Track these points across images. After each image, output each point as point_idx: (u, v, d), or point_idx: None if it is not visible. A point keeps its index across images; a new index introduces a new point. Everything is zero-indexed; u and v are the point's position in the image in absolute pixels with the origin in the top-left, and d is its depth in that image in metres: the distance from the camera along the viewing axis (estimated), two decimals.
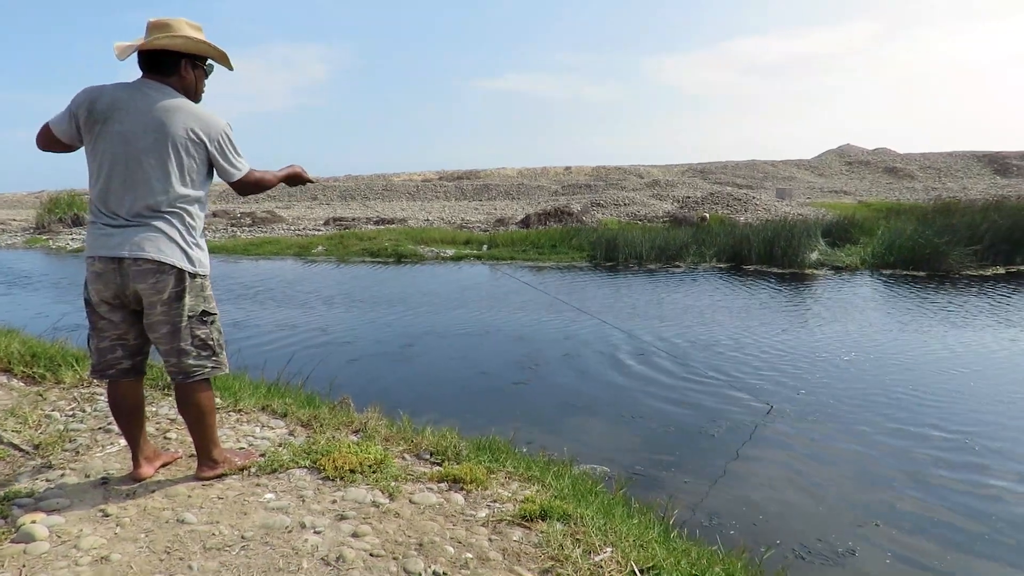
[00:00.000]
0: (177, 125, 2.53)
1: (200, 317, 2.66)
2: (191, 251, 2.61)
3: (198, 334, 2.66)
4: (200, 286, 2.66)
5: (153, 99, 2.55)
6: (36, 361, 4.43)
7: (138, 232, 2.51)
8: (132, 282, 2.52)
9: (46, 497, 2.64)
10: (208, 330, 2.70)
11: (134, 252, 2.50)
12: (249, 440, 3.42)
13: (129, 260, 2.50)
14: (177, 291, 2.57)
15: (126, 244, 2.50)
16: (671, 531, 3.09)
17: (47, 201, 26.23)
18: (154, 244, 2.52)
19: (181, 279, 2.57)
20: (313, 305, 10.18)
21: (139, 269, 2.51)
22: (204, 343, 2.68)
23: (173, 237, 2.55)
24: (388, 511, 2.69)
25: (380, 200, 39.51)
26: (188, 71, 2.67)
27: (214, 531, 2.44)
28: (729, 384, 6.09)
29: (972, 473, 4.27)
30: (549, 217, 21.56)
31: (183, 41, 2.60)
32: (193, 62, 2.69)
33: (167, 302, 2.56)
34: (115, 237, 2.52)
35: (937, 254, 12.47)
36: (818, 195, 33.20)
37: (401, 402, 4.91)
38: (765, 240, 13.89)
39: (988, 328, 8.05)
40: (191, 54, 2.66)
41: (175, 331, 2.60)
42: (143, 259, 2.50)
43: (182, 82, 2.66)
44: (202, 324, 2.67)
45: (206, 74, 2.79)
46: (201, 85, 2.77)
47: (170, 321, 2.59)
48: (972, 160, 44.08)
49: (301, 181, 3.05)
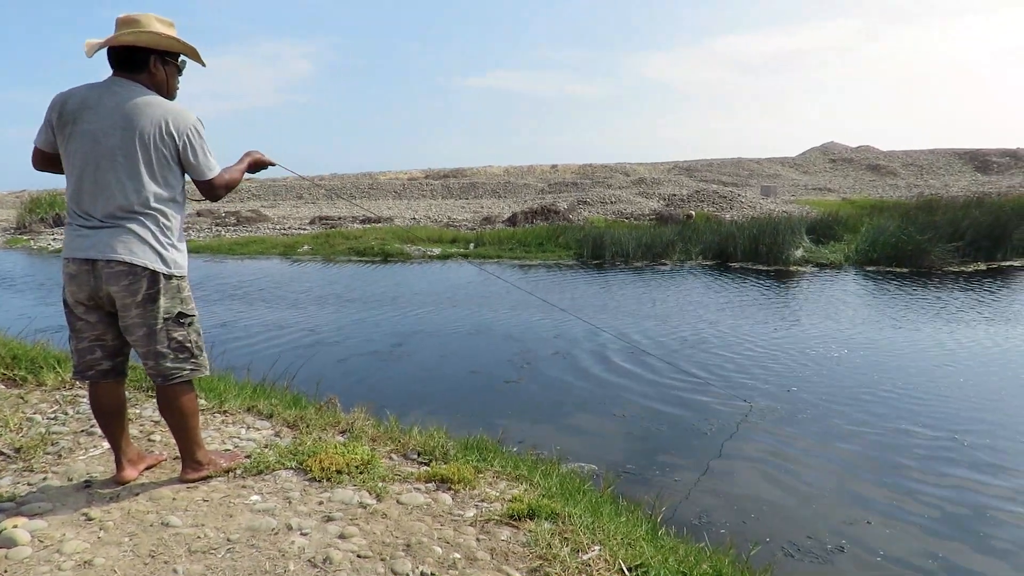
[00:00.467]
0: (145, 121, 2.48)
1: (176, 319, 2.62)
2: (165, 252, 2.56)
3: (175, 336, 2.62)
4: (176, 287, 2.61)
5: (121, 96, 2.51)
6: (17, 363, 4.37)
7: (111, 234, 2.48)
8: (105, 284, 2.49)
9: (28, 501, 2.61)
10: (185, 332, 2.65)
11: (106, 254, 2.47)
12: (235, 442, 3.40)
13: (102, 262, 2.47)
14: (151, 293, 2.53)
15: (99, 246, 2.47)
16: (659, 529, 3.10)
17: (28, 201, 25.99)
18: (126, 246, 2.48)
19: (155, 281, 2.53)
20: (299, 305, 10.13)
21: (111, 271, 2.48)
22: (181, 345, 2.64)
23: (145, 238, 2.51)
24: (375, 512, 2.68)
25: (366, 199, 39.36)
26: (158, 67, 2.62)
27: (199, 534, 2.42)
28: (715, 382, 6.12)
29: (958, 468, 4.32)
30: (536, 215, 21.57)
31: (148, 37, 2.55)
32: (163, 58, 2.63)
33: (141, 304, 2.52)
34: (89, 239, 2.49)
35: (920, 251, 12.61)
36: (803, 192, 33.42)
37: (389, 402, 4.90)
38: (750, 237, 13.98)
39: (974, 324, 8.14)
40: (160, 50, 2.61)
41: (151, 333, 2.57)
42: (115, 261, 2.47)
43: (152, 79, 2.61)
44: (179, 326, 2.63)
45: (179, 70, 2.73)
46: (173, 82, 2.71)
47: (145, 324, 2.55)
48: (954, 158, 44.52)
49: (263, 166, 2.99)
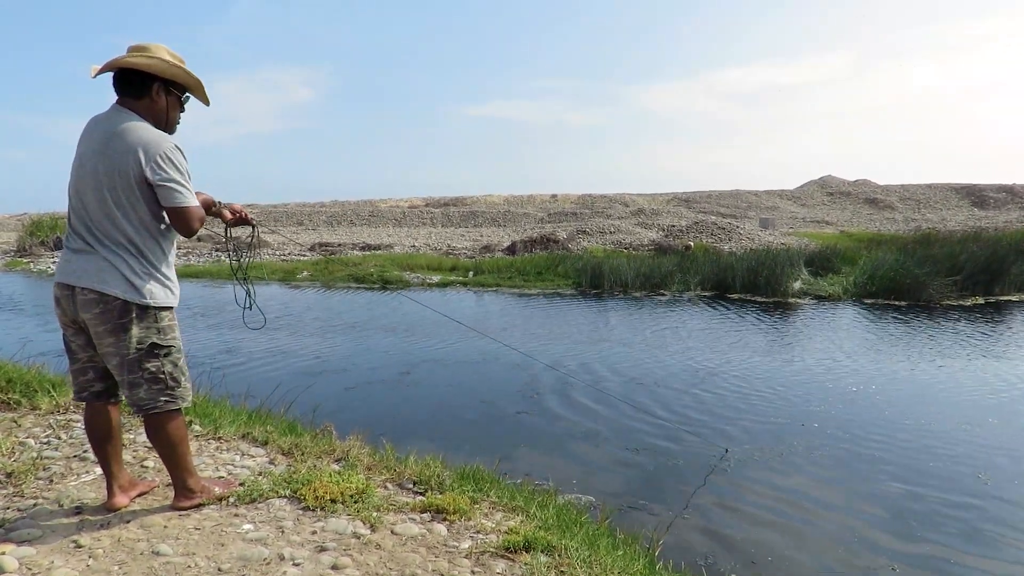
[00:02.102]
0: (121, 147, 2.46)
1: (149, 350, 2.55)
2: (140, 281, 2.50)
3: (147, 367, 2.55)
4: (153, 318, 2.55)
5: (110, 123, 2.51)
6: (12, 386, 4.34)
7: (88, 260, 2.48)
8: (80, 311, 2.49)
9: (17, 527, 2.57)
10: (159, 363, 2.58)
11: (80, 281, 2.47)
12: (228, 469, 3.36)
13: (78, 289, 2.47)
14: (123, 323, 2.48)
15: (77, 272, 2.48)
16: (656, 563, 3.06)
17: (29, 224, 26.06)
18: (99, 274, 2.46)
19: (126, 311, 2.48)
20: (296, 331, 10.10)
21: (84, 299, 2.47)
22: (155, 376, 2.57)
23: (118, 267, 2.47)
24: (369, 542, 2.64)
25: (366, 226, 39.51)
26: (160, 95, 2.61)
27: (190, 563, 2.38)
28: (714, 415, 6.09)
29: (961, 511, 4.28)
30: (535, 244, 21.65)
31: (157, 62, 2.56)
32: (167, 88, 2.63)
33: (112, 332, 2.49)
34: (71, 263, 2.51)
35: (918, 284, 12.64)
36: (801, 225, 33.60)
37: (385, 430, 4.86)
38: (749, 269, 14.02)
39: (975, 360, 8.12)
40: (164, 79, 2.60)
41: (122, 363, 2.53)
42: (88, 289, 2.46)
43: (153, 106, 2.60)
44: (152, 357, 2.56)
45: (181, 104, 2.71)
46: (174, 114, 2.69)
47: (118, 353, 2.52)
48: (950, 192, 44.83)
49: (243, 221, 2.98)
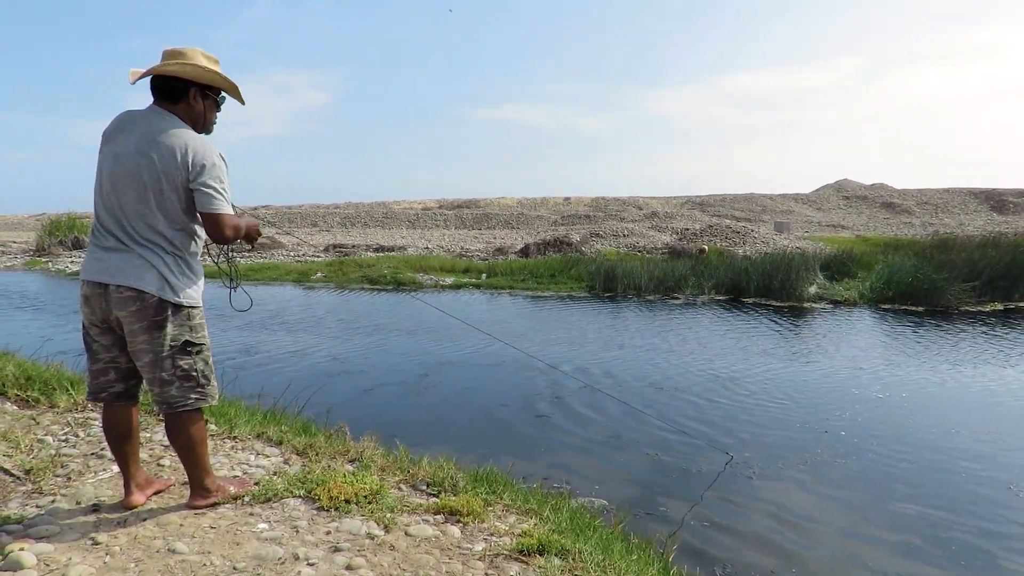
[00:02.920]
0: (165, 149, 2.51)
1: (183, 347, 2.59)
2: (176, 280, 2.56)
3: (180, 364, 2.59)
4: (186, 316, 2.60)
5: (152, 124, 2.56)
6: (31, 384, 4.39)
7: (123, 258, 2.50)
8: (115, 309, 2.51)
9: (35, 524, 2.59)
10: (192, 360, 2.63)
11: (115, 279, 2.49)
12: (243, 468, 3.38)
13: (113, 287, 2.49)
14: (158, 320, 2.52)
15: (111, 270, 2.50)
16: (670, 568, 3.04)
17: (48, 223, 26.35)
18: (136, 272, 2.49)
19: (162, 308, 2.53)
20: (311, 331, 10.15)
21: (120, 296, 2.49)
22: (187, 374, 2.61)
23: (156, 265, 2.52)
24: (383, 543, 2.64)
25: (380, 227, 39.65)
26: (197, 100, 2.68)
27: (205, 561, 2.39)
28: (731, 422, 6.05)
29: (976, 519, 4.23)
30: (548, 247, 21.62)
31: (192, 69, 2.61)
32: (203, 92, 2.69)
33: (147, 331, 2.52)
34: (103, 261, 2.52)
35: (935, 289, 12.50)
36: (816, 229, 33.37)
37: (398, 431, 4.87)
38: (764, 273, 13.93)
39: (997, 368, 8.02)
40: (202, 84, 2.67)
41: (156, 361, 2.56)
42: (124, 287, 2.48)
43: (190, 110, 2.66)
44: (185, 355, 2.60)
45: (217, 106, 2.78)
46: (211, 116, 2.76)
47: (151, 350, 2.55)
48: (969, 197, 44.37)
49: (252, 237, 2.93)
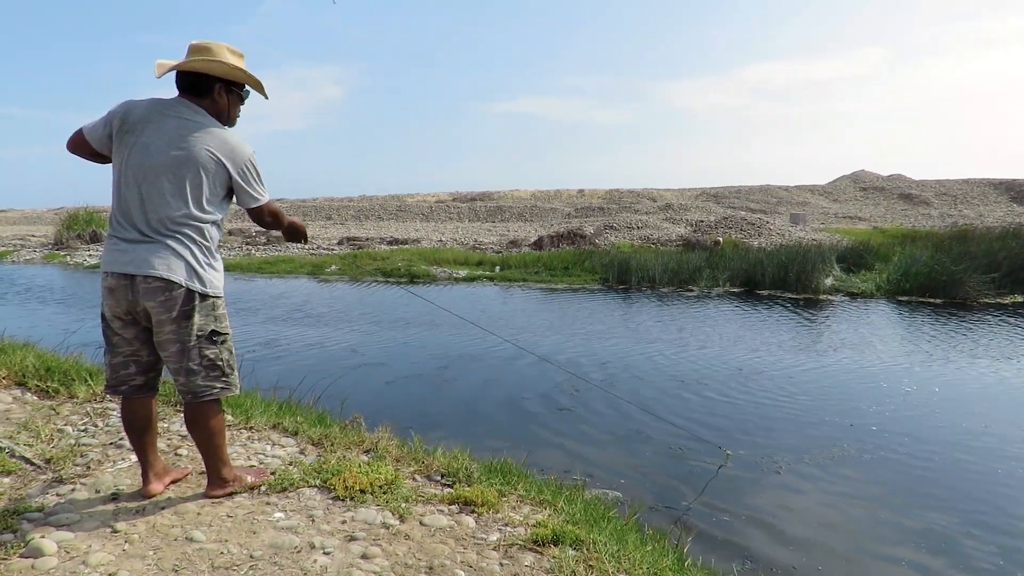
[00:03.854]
0: (200, 147, 2.56)
1: (209, 337, 2.64)
2: (203, 271, 2.60)
3: (207, 354, 2.64)
4: (211, 306, 2.65)
5: (184, 118, 2.59)
6: (50, 375, 4.44)
7: (150, 249, 2.52)
8: (142, 299, 2.53)
9: (56, 512, 2.63)
10: (218, 350, 2.67)
11: (144, 270, 2.51)
12: (260, 458, 3.41)
13: (140, 277, 2.51)
14: (186, 310, 2.56)
15: (137, 261, 2.51)
16: (685, 559, 3.04)
17: (66, 217, 26.59)
18: (164, 262, 2.52)
19: (190, 298, 2.57)
20: (325, 323, 10.20)
21: (148, 287, 2.51)
22: (213, 363, 2.66)
23: (184, 256, 2.55)
24: (398, 533, 2.66)
25: (394, 220, 39.75)
26: (222, 95, 2.71)
27: (223, 550, 2.41)
28: (749, 416, 6.02)
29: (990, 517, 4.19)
30: (562, 239, 21.58)
31: (218, 66, 2.64)
32: (228, 87, 2.72)
33: (176, 320, 2.56)
34: (128, 253, 2.54)
35: (954, 281, 12.34)
36: (832, 221, 33.06)
37: (412, 422, 4.89)
38: (779, 265, 13.81)
39: (1018, 362, 7.92)
40: (227, 79, 2.70)
41: (183, 350, 2.60)
42: (152, 277, 2.51)
43: (215, 105, 2.69)
44: (211, 344, 2.65)
45: (241, 100, 2.82)
46: (235, 111, 2.81)
47: (179, 340, 2.58)
48: (988, 187, 43.77)
49: (299, 237, 3.07)
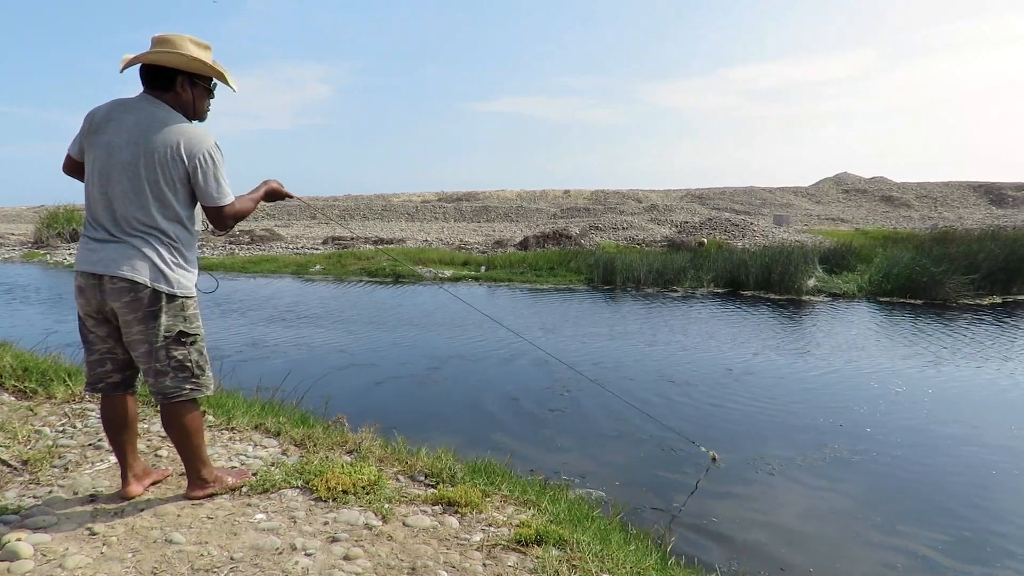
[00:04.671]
0: (158, 141, 2.49)
1: (177, 338, 2.59)
2: (169, 271, 2.54)
3: (175, 355, 2.59)
4: (180, 306, 2.59)
5: (143, 114, 2.53)
6: (28, 375, 4.38)
7: (117, 249, 2.49)
8: (109, 300, 2.50)
9: (32, 514, 2.59)
10: (186, 351, 2.62)
11: (110, 270, 2.48)
12: (241, 459, 3.38)
13: (107, 277, 2.48)
14: (152, 311, 2.51)
15: (104, 260, 2.49)
16: (669, 559, 3.04)
17: (46, 216, 26.19)
18: (130, 262, 2.48)
19: (156, 299, 2.52)
20: (308, 323, 10.14)
21: (114, 287, 2.49)
22: (181, 364, 2.61)
23: (149, 256, 2.50)
24: (381, 534, 2.64)
25: (379, 220, 39.59)
26: (186, 88, 2.63)
27: (202, 552, 2.39)
28: (731, 415, 6.05)
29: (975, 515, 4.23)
30: (547, 240, 21.60)
31: (176, 57, 2.56)
32: (192, 80, 2.64)
33: (142, 321, 2.52)
34: (96, 253, 2.51)
35: (934, 283, 12.49)
36: (815, 222, 33.34)
37: (396, 422, 4.87)
38: (762, 266, 13.90)
39: (1000, 361, 8.03)
40: (190, 72, 2.62)
41: (151, 351, 2.56)
42: (118, 277, 2.48)
43: (179, 99, 2.62)
44: (179, 345, 2.60)
45: (209, 93, 2.73)
46: (202, 104, 2.72)
47: (146, 340, 2.54)
48: (968, 190, 44.35)
49: (279, 196, 2.97)
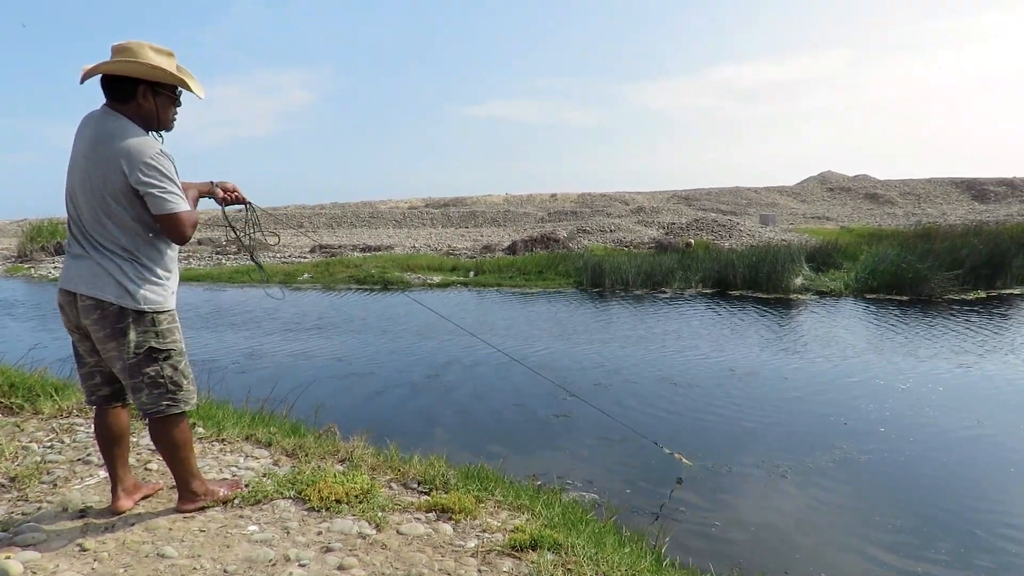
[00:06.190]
0: (103, 156, 2.42)
1: (148, 354, 2.54)
2: (134, 287, 2.48)
3: (147, 371, 2.55)
4: (150, 321, 2.53)
5: (97, 127, 2.47)
6: (14, 391, 4.33)
7: (85, 266, 2.48)
8: (81, 317, 2.50)
9: (22, 531, 2.57)
10: (159, 367, 2.56)
11: (78, 287, 2.48)
12: (233, 471, 3.36)
13: (79, 295, 2.48)
14: (120, 328, 2.48)
15: (75, 279, 2.49)
16: (662, 560, 3.05)
17: (29, 229, 25.92)
18: (95, 280, 2.46)
19: (122, 316, 2.48)
20: (296, 332, 10.09)
21: (84, 304, 2.48)
22: (154, 381, 2.56)
23: (111, 272, 2.46)
24: (375, 542, 2.63)
25: (367, 227, 39.48)
26: (147, 98, 2.53)
27: (195, 565, 2.37)
28: (722, 413, 6.07)
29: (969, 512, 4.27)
30: (535, 243, 21.62)
31: (135, 66, 2.46)
32: (154, 89, 2.54)
33: (112, 337, 2.49)
34: (70, 270, 2.52)
35: (919, 279, 12.61)
36: (801, 221, 33.55)
37: (388, 430, 4.85)
38: (750, 265, 13.99)
39: (987, 355, 8.10)
40: (151, 80, 2.52)
41: (124, 368, 2.54)
42: (86, 296, 2.47)
43: (139, 110, 2.53)
44: (151, 361, 2.55)
45: (173, 101, 2.63)
46: (166, 113, 2.61)
47: (120, 357, 2.52)
48: (951, 186, 44.78)
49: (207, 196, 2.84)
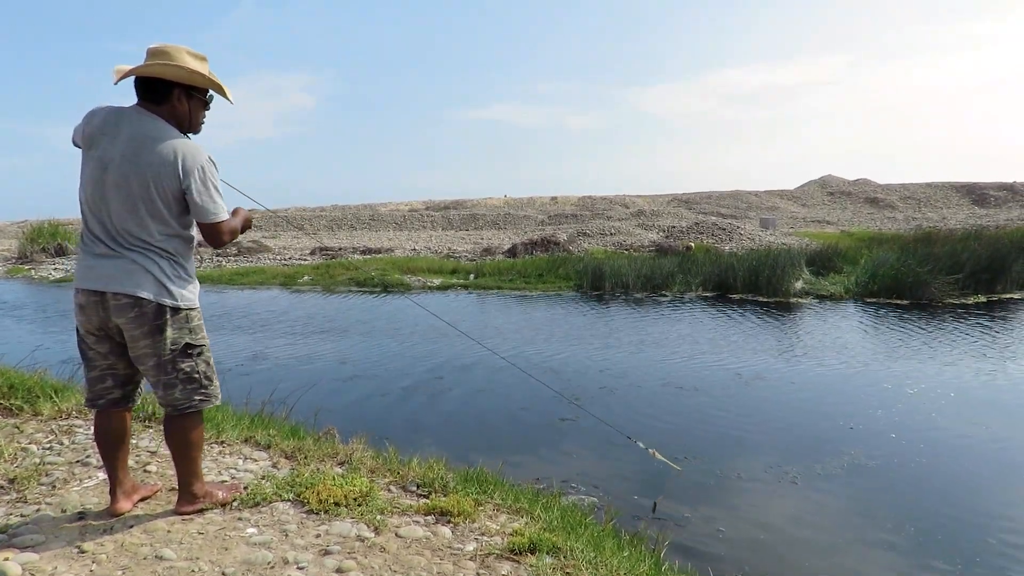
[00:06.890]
0: (154, 156, 2.46)
1: (184, 350, 2.59)
2: (171, 285, 2.53)
3: (182, 367, 2.59)
4: (184, 318, 2.59)
5: (137, 127, 2.50)
6: (14, 392, 4.32)
7: (117, 265, 2.47)
8: (113, 316, 2.49)
9: (20, 533, 2.56)
10: (193, 363, 2.63)
11: (112, 287, 2.46)
12: (232, 473, 3.35)
13: (110, 294, 2.47)
14: (157, 324, 2.51)
15: (105, 278, 2.47)
16: (662, 564, 3.05)
17: (30, 231, 25.94)
18: (132, 278, 2.46)
19: (161, 313, 2.51)
20: (297, 334, 10.10)
21: (118, 304, 2.47)
22: (189, 376, 2.61)
23: (151, 270, 2.49)
24: (374, 545, 2.63)
25: (367, 230, 39.50)
26: (182, 101, 2.60)
27: (194, 567, 2.37)
28: (722, 418, 6.07)
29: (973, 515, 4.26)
30: (536, 246, 21.63)
31: (175, 70, 2.54)
32: (188, 92, 2.61)
33: (148, 335, 2.51)
34: (96, 269, 2.49)
35: (919, 283, 12.62)
36: (801, 225, 33.56)
37: (387, 432, 4.86)
38: (750, 269, 14.00)
39: (988, 360, 8.10)
40: (186, 84, 2.59)
41: (159, 364, 2.55)
42: (121, 294, 2.46)
43: (174, 112, 2.59)
44: (186, 357, 2.60)
45: (205, 105, 2.70)
46: (198, 116, 2.68)
47: (154, 354, 2.54)
48: (951, 191, 44.78)
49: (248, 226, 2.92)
